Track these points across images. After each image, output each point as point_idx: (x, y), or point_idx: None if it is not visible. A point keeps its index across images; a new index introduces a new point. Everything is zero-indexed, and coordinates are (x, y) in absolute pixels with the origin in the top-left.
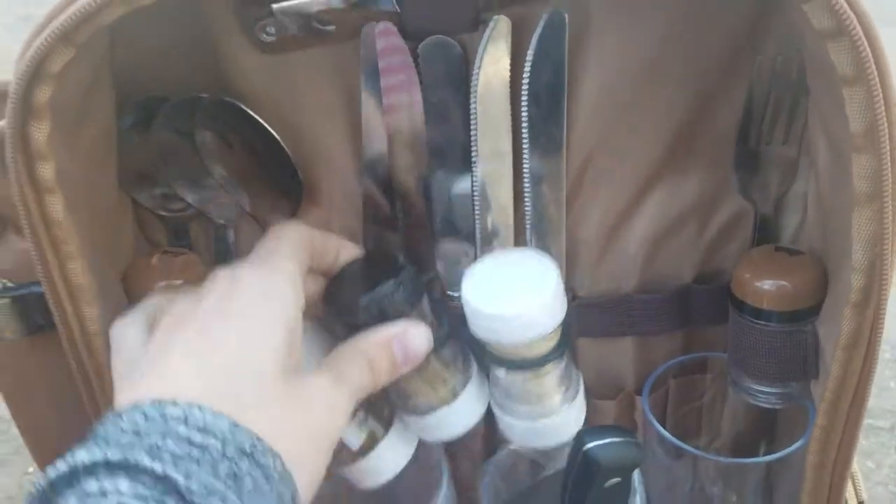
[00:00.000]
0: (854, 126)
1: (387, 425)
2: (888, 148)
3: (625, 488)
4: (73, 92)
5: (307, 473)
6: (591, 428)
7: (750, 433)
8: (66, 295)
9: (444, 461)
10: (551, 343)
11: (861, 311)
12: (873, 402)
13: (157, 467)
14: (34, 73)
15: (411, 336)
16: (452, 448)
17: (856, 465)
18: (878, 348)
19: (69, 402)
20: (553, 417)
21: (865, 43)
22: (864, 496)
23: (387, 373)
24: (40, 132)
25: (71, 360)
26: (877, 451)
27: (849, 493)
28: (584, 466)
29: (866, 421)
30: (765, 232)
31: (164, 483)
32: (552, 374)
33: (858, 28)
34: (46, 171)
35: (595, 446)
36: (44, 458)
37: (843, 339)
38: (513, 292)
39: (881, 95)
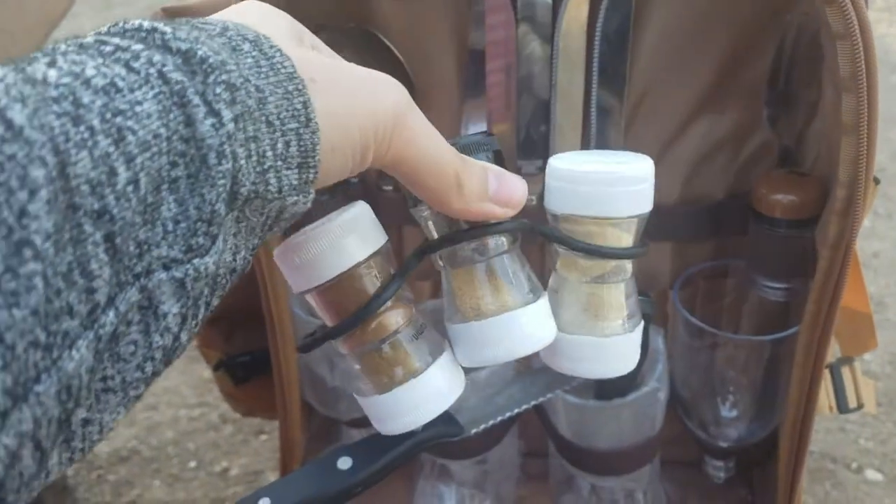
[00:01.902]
0: (843, 71)
1: (438, 349)
2: (865, 89)
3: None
4: None
5: (329, 143)
6: None
7: (763, 332)
8: None
9: None
10: (630, 234)
11: (843, 217)
12: None
13: (146, 23)
14: None
15: (509, 178)
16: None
17: (859, 372)
18: (852, 249)
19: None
20: (614, 338)
21: (851, 8)
22: (864, 399)
23: (476, 197)
24: None
25: None
26: None
27: (850, 393)
28: None
29: None
30: (786, 161)
31: (152, 33)
32: (621, 285)
33: None
34: None
35: None
36: None
37: (829, 240)
38: (604, 163)
39: (861, 48)
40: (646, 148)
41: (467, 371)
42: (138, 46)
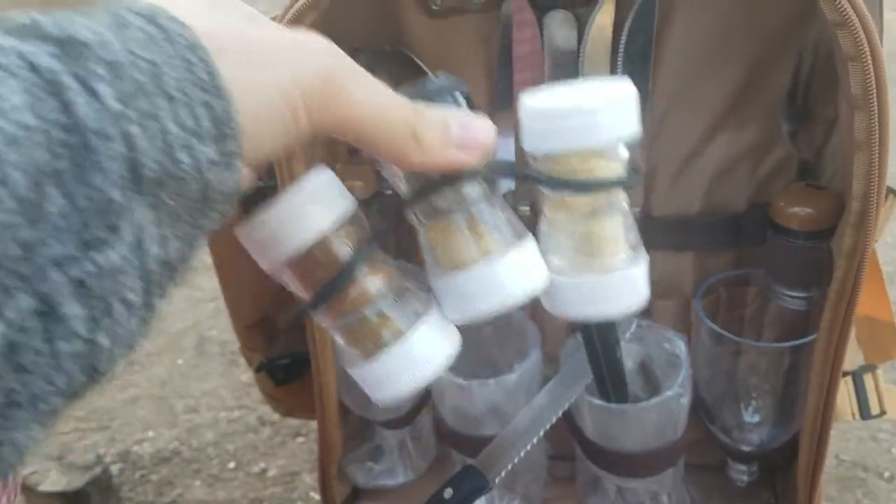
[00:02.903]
0: (854, 91)
1: (425, 309)
2: (876, 108)
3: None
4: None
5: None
6: None
7: (784, 338)
8: (290, 182)
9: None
10: (619, 164)
11: (856, 229)
12: None
13: (24, 18)
14: (295, 21)
15: (474, 121)
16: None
17: (882, 379)
18: (866, 259)
19: (262, 274)
20: (617, 273)
21: (861, 32)
22: (887, 406)
23: (438, 147)
24: None
25: None
26: None
27: (872, 400)
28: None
29: None
30: (805, 174)
31: (27, 26)
32: (616, 217)
33: (856, 20)
34: None
35: None
36: (238, 314)
37: (844, 250)
38: (581, 93)
39: (872, 69)
40: (669, 162)
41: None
42: (9, 41)
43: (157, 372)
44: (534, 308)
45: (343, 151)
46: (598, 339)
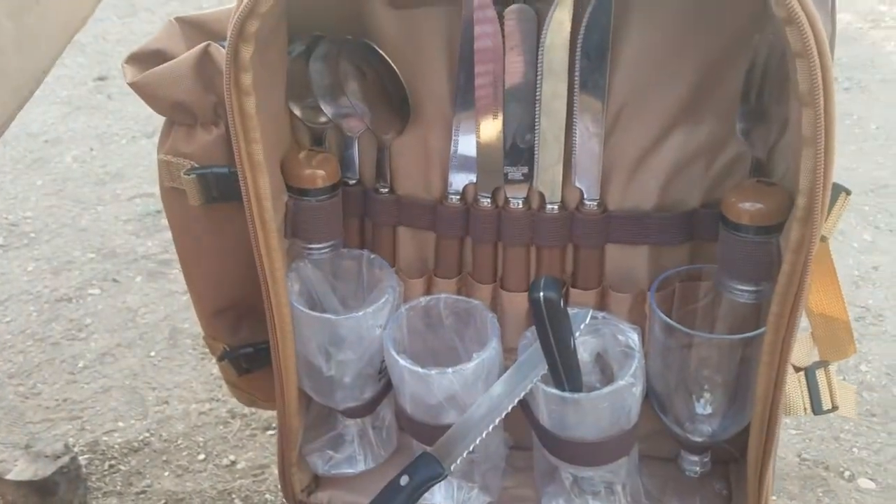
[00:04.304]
0: (802, 87)
1: None
2: (822, 104)
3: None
4: (268, 26)
5: None
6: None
7: (736, 331)
8: (249, 168)
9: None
10: None
11: (803, 224)
12: None
13: None
14: (249, 12)
15: None
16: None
17: (834, 375)
18: (812, 253)
19: (226, 262)
20: None
21: (808, 28)
22: (838, 402)
23: None
24: (247, 52)
25: (248, 218)
26: None
27: (824, 396)
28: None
29: None
30: (758, 173)
31: None
32: None
33: (803, 17)
34: (247, 80)
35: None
36: (201, 301)
37: (791, 244)
38: None
39: (818, 66)
40: (625, 158)
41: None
42: None
43: (129, 363)
44: (494, 298)
45: (306, 138)
46: (552, 328)
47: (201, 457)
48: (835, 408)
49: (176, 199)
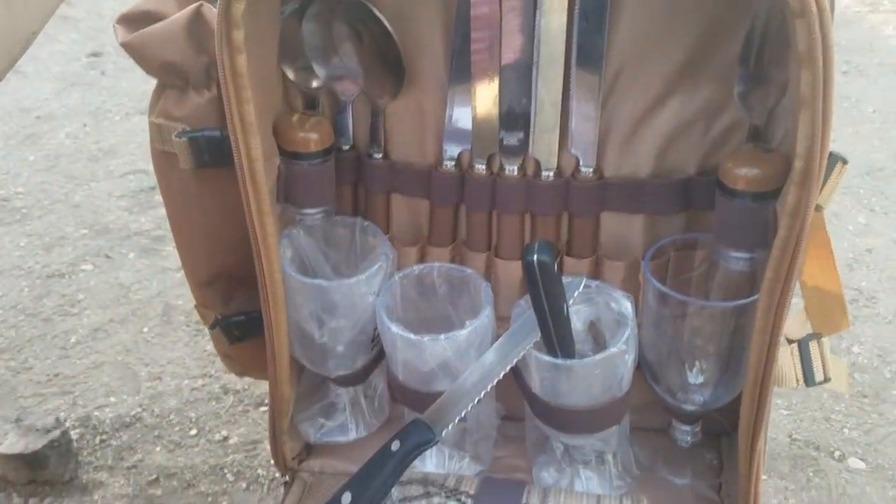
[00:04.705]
0: (800, 47)
1: None
2: (821, 64)
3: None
4: None
5: None
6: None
7: (730, 300)
8: (241, 128)
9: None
10: None
11: (800, 187)
12: None
13: None
14: None
15: None
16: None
17: (827, 347)
18: (809, 218)
19: (218, 229)
20: None
21: None
22: (831, 374)
23: None
24: (238, 7)
25: (239, 180)
26: None
27: (816, 367)
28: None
29: None
30: (755, 138)
31: None
32: None
33: None
34: (238, 36)
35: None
36: (193, 269)
37: (787, 208)
38: None
39: (818, 26)
40: (621, 123)
41: None
42: None
43: (122, 339)
44: (488, 267)
45: (299, 102)
46: (545, 293)
47: (193, 432)
48: (827, 379)
49: (166, 163)
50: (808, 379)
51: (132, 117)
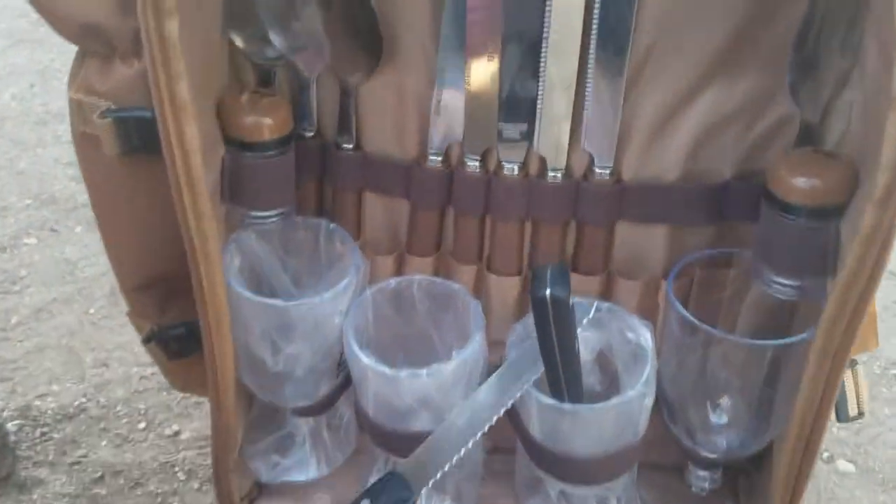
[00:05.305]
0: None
1: None
2: None
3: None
4: None
5: None
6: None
7: (764, 330)
8: (171, 111)
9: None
10: None
11: (882, 207)
12: None
13: None
14: None
15: None
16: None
17: (862, 376)
18: (891, 245)
19: (151, 226)
20: None
21: None
22: (865, 409)
23: None
24: None
25: (170, 173)
26: None
27: (851, 401)
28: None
29: None
30: (807, 139)
31: None
32: None
33: None
34: None
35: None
36: (123, 272)
37: (862, 233)
38: None
39: None
40: (647, 116)
41: None
42: None
43: (66, 321)
44: (478, 282)
45: (250, 78)
46: (556, 332)
47: (142, 425)
48: (860, 414)
49: (90, 148)
50: (841, 415)
51: None
